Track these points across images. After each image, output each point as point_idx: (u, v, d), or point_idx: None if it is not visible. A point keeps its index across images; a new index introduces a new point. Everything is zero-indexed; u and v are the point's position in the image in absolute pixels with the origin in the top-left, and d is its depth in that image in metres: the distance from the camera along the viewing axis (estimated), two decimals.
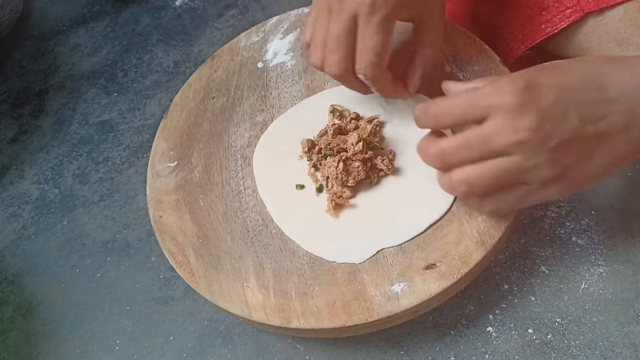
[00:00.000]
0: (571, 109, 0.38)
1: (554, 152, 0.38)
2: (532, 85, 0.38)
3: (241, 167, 0.56)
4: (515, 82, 0.38)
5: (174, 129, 0.59)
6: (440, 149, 0.41)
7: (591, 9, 0.52)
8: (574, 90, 0.38)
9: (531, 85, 0.38)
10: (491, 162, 0.39)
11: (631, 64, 0.40)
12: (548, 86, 0.38)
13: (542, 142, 0.38)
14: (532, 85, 0.38)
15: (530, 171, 0.39)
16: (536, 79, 0.38)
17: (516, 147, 0.38)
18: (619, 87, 0.39)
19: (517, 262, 0.54)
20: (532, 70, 0.40)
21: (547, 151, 0.38)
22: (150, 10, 0.87)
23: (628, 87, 0.39)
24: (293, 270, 0.49)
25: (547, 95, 0.38)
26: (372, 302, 0.45)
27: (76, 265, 0.63)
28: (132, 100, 0.77)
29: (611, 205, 0.56)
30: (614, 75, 0.39)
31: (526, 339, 0.50)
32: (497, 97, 0.38)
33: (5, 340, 0.59)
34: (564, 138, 0.38)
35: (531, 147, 0.38)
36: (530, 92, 0.37)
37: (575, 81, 0.39)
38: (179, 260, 0.51)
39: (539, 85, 0.38)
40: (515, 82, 0.38)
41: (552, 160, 0.38)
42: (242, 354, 0.54)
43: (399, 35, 0.53)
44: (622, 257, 0.53)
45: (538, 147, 0.38)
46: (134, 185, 0.69)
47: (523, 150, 0.38)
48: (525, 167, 0.38)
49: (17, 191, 0.71)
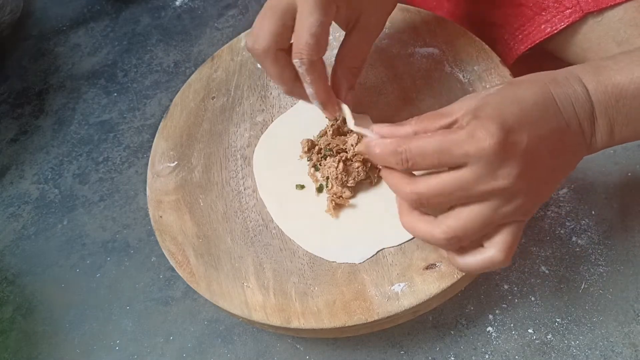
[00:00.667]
0: (542, 146, 0.38)
1: (532, 190, 0.39)
2: (506, 129, 0.37)
3: (241, 167, 0.56)
4: (490, 128, 0.37)
5: (174, 129, 0.59)
6: (416, 193, 0.39)
7: (591, 9, 0.52)
8: (539, 126, 0.38)
9: (507, 130, 0.37)
10: (473, 211, 0.38)
11: (568, 84, 0.40)
12: (519, 126, 0.38)
13: (523, 186, 0.38)
14: (507, 130, 0.37)
15: (514, 211, 0.39)
16: (507, 121, 0.37)
17: (497, 193, 0.38)
18: (567, 109, 0.40)
19: (517, 262, 0.54)
20: (493, 108, 0.38)
21: (527, 191, 0.39)
22: (150, 10, 0.87)
23: (572, 107, 0.40)
24: (293, 270, 0.49)
25: (522, 137, 0.37)
26: (372, 302, 0.45)
27: (76, 265, 0.63)
28: (132, 100, 0.77)
29: (611, 205, 0.56)
30: (560, 96, 0.40)
31: (526, 338, 0.50)
32: (473, 146, 0.37)
33: (5, 340, 0.59)
34: (538, 175, 0.39)
35: (512, 192, 0.38)
36: (508, 138, 0.37)
37: (537, 114, 0.39)
38: (179, 260, 0.51)
39: (511, 128, 0.37)
40: (489, 127, 0.37)
41: (530, 197, 0.39)
42: (242, 354, 0.54)
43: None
44: (622, 257, 0.53)
45: (519, 190, 0.38)
46: (134, 185, 0.69)
47: (504, 195, 0.38)
48: (507, 210, 0.38)
49: (17, 191, 0.71)
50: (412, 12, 0.60)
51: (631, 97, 0.40)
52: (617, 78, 0.40)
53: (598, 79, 0.40)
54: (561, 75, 0.41)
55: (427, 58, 0.57)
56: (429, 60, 0.57)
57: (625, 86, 0.40)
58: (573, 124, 0.40)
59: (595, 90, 0.40)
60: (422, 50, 0.58)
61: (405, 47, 0.59)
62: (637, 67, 0.40)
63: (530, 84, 0.40)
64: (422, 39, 0.59)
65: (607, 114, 0.40)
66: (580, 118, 0.40)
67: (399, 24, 0.60)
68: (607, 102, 0.40)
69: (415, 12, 0.60)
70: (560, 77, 0.41)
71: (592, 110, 0.40)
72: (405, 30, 0.59)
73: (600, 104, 0.40)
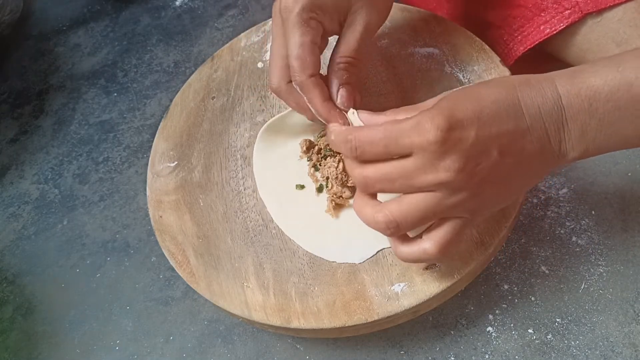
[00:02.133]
0: (492, 145, 0.38)
1: (476, 188, 0.39)
2: (452, 123, 0.37)
3: (241, 167, 0.56)
4: (436, 120, 0.37)
5: (174, 129, 0.59)
6: (363, 176, 0.40)
7: (590, 10, 0.52)
8: (492, 124, 0.38)
9: (452, 123, 0.37)
10: (416, 200, 0.39)
11: (539, 87, 0.40)
12: (468, 122, 0.38)
13: (465, 181, 0.38)
14: (453, 123, 0.37)
15: (456, 206, 0.39)
16: (455, 115, 0.37)
17: (439, 186, 0.38)
18: (531, 112, 0.39)
19: (517, 262, 0.54)
20: (449, 101, 0.39)
21: (470, 188, 0.38)
22: (150, 10, 0.87)
23: (538, 110, 0.39)
24: (293, 270, 0.49)
25: (469, 133, 0.37)
26: (372, 302, 0.45)
27: (76, 265, 0.63)
28: (132, 100, 0.77)
29: (611, 205, 0.56)
30: (526, 99, 0.39)
31: (526, 339, 0.50)
32: (418, 136, 0.37)
33: (5, 340, 0.59)
34: (485, 174, 0.38)
35: (454, 186, 0.38)
36: (452, 131, 0.37)
37: (492, 113, 0.38)
38: (179, 260, 0.51)
39: (459, 122, 0.37)
40: (436, 119, 0.37)
41: (474, 195, 0.39)
42: (242, 354, 0.54)
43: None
44: (622, 257, 0.53)
45: (461, 186, 0.38)
46: (134, 185, 0.69)
47: (446, 188, 0.38)
48: (449, 203, 0.39)
49: (17, 191, 0.71)
50: (412, 12, 0.60)
51: (604, 100, 0.39)
52: (591, 80, 0.39)
53: (572, 82, 0.40)
54: (535, 79, 0.40)
55: (427, 58, 0.57)
56: (429, 60, 0.57)
57: (599, 88, 0.39)
58: (536, 128, 0.39)
59: (568, 93, 0.39)
60: (422, 50, 0.58)
61: (405, 47, 0.59)
62: (612, 70, 0.39)
63: (498, 83, 0.40)
64: (422, 39, 0.59)
65: (579, 118, 0.39)
66: (546, 122, 0.39)
67: (399, 23, 0.60)
68: (579, 106, 0.39)
69: (415, 12, 0.60)
70: (534, 80, 0.40)
71: (561, 114, 0.39)
72: (405, 30, 0.60)
73: (571, 107, 0.39)
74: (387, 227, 0.39)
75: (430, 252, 0.40)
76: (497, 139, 0.38)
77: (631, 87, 0.38)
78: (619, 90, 0.38)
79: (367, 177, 0.40)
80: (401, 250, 0.42)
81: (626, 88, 0.38)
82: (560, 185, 0.58)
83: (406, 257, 0.42)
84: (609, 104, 0.39)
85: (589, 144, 0.40)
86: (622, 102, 0.39)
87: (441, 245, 0.40)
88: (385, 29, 0.60)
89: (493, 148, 0.38)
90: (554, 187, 0.58)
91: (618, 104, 0.39)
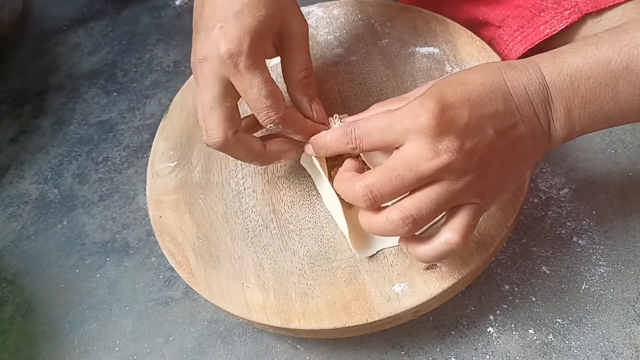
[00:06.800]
0: (485, 124, 0.39)
1: (479, 168, 0.39)
2: (444, 105, 0.38)
3: (241, 167, 0.55)
4: (427, 104, 0.38)
5: (174, 129, 0.59)
6: (367, 185, 0.39)
7: (589, 10, 0.52)
8: (483, 105, 0.39)
9: (443, 106, 0.38)
10: (426, 191, 0.38)
11: (523, 69, 0.41)
12: (459, 103, 0.38)
13: (466, 161, 0.38)
14: (445, 106, 0.38)
15: (464, 190, 0.39)
16: (446, 98, 0.38)
17: (443, 171, 0.38)
18: (517, 92, 0.40)
19: (517, 262, 0.54)
20: (438, 87, 0.39)
21: (473, 169, 0.38)
22: (150, 10, 0.87)
23: (525, 91, 0.40)
24: (293, 271, 0.49)
25: (462, 113, 0.38)
26: (373, 303, 0.45)
27: (76, 265, 0.63)
28: (132, 100, 0.77)
29: (612, 206, 0.56)
30: (512, 81, 0.40)
31: (527, 339, 0.50)
32: (411, 120, 0.38)
33: (5, 340, 0.59)
34: (485, 152, 0.39)
35: (457, 168, 0.38)
36: (445, 113, 0.37)
37: (481, 94, 0.39)
38: (179, 260, 0.51)
39: (450, 104, 0.38)
40: (427, 103, 0.38)
41: (478, 177, 0.39)
42: (242, 355, 0.54)
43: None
44: (623, 257, 0.53)
45: (464, 167, 0.38)
46: (133, 185, 0.69)
47: (450, 172, 0.38)
48: (457, 187, 0.38)
49: (16, 191, 0.71)
50: (412, 11, 0.60)
51: (585, 77, 0.40)
52: (571, 59, 0.41)
53: (554, 62, 0.41)
54: (518, 62, 0.41)
55: (427, 57, 0.57)
56: (430, 59, 0.57)
57: (579, 66, 0.40)
58: (526, 108, 0.40)
59: (551, 72, 0.41)
60: (423, 50, 0.58)
61: (405, 47, 0.58)
62: (590, 48, 0.41)
63: (483, 68, 0.41)
64: (422, 39, 0.58)
65: (563, 96, 0.41)
66: (534, 102, 0.40)
67: (400, 23, 0.60)
68: (562, 84, 0.41)
69: (415, 11, 0.60)
70: (517, 63, 0.41)
71: (546, 93, 0.41)
72: (406, 30, 0.59)
73: (555, 86, 0.41)
74: (404, 224, 0.38)
75: (453, 240, 0.39)
76: (490, 119, 0.39)
77: (609, 64, 0.40)
78: (598, 67, 0.40)
79: (370, 184, 0.39)
80: (422, 250, 0.41)
81: (605, 64, 0.40)
82: (561, 185, 0.58)
83: (429, 254, 0.41)
84: (589, 80, 0.40)
85: (575, 123, 0.41)
86: (601, 78, 0.40)
87: (462, 232, 0.39)
88: (385, 28, 0.60)
89: (488, 127, 0.39)
90: (554, 187, 0.58)
91: (598, 80, 0.40)
